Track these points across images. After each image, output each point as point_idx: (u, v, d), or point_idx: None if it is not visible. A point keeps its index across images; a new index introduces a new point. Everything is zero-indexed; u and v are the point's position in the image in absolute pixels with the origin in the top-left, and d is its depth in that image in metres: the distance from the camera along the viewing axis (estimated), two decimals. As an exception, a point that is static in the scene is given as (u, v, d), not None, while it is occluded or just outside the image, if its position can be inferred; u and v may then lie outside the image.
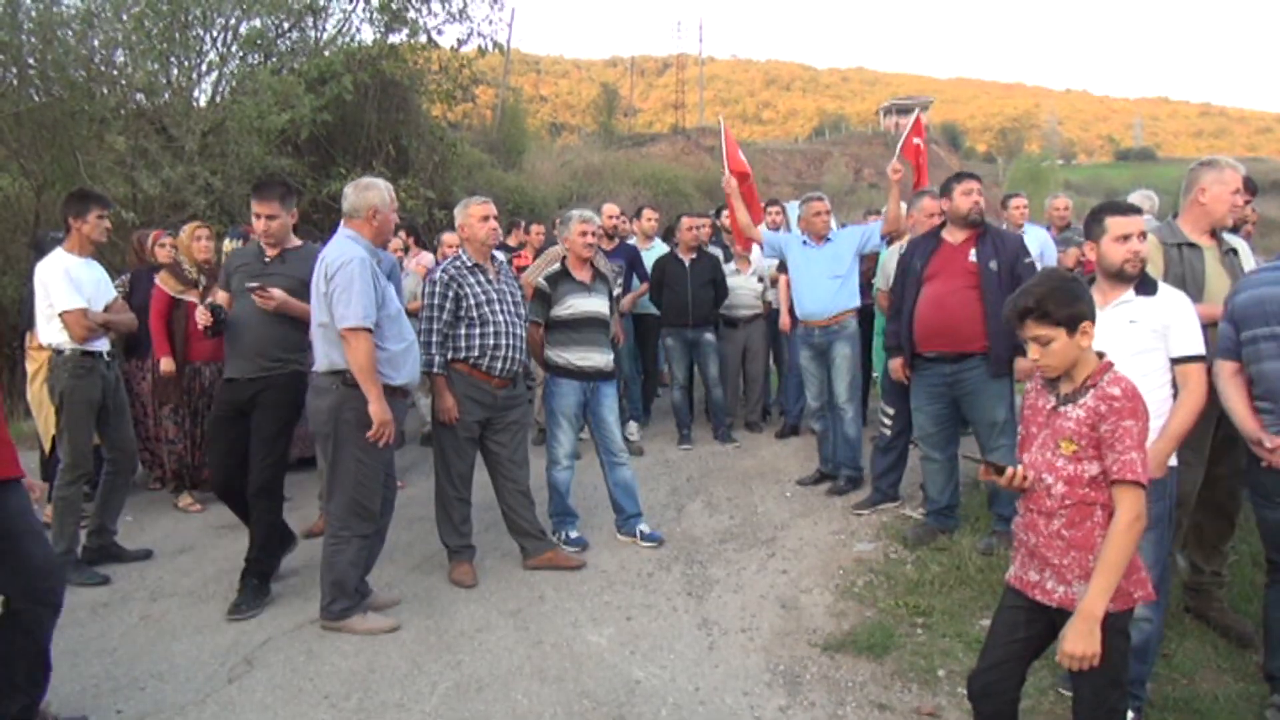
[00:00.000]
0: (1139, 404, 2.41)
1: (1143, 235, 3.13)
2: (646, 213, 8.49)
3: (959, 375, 4.82)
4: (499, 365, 4.60)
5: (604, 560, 4.96)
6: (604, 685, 3.60)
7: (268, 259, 4.48)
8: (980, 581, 4.45)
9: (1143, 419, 2.41)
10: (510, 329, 4.63)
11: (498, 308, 4.62)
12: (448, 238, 7.97)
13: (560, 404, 5.13)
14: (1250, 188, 4.13)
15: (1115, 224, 3.15)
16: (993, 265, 4.70)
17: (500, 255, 4.96)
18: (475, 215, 4.67)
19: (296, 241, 4.59)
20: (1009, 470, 2.57)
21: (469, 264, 4.67)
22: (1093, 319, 2.47)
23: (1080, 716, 2.54)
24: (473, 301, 4.57)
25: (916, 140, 6.64)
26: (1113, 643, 2.43)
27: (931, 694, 3.52)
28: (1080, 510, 2.45)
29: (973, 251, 4.79)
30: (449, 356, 4.59)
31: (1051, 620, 2.58)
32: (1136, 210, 3.23)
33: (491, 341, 4.58)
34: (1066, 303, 2.43)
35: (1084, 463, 2.44)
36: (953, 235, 4.90)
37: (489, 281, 4.66)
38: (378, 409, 3.90)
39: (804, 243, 6.22)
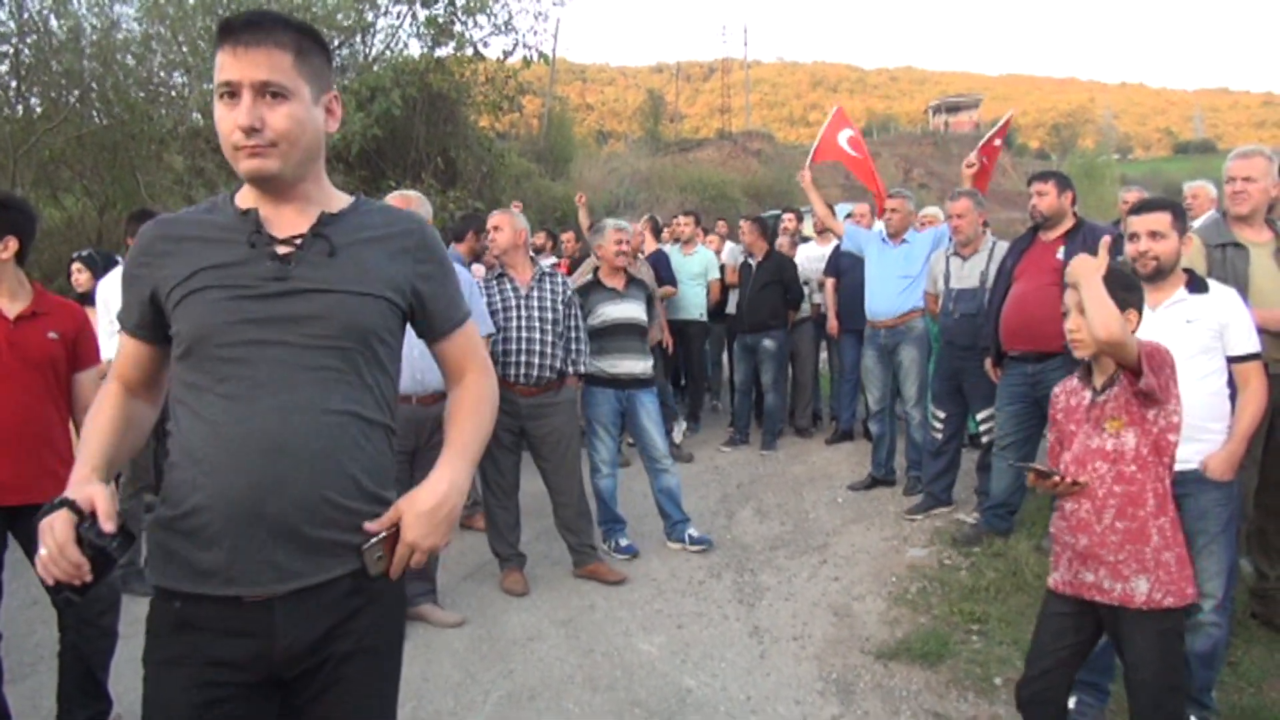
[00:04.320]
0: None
1: (1154, 234, 3.02)
2: (681, 219, 8.43)
3: (1040, 375, 4.72)
4: (514, 371, 4.64)
5: (654, 568, 4.96)
6: (655, 694, 3.60)
7: None
8: (1037, 587, 4.35)
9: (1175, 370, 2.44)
10: (525, 333, 4.66)
11: (514, 314, 4.67)
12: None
13: (595, 412, 5.15)
14: None
15: (1128, 223, 3.13)
16: None
17: (545, 264, 4.99)
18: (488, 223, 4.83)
19: None
20: (1056, 476, 2.55)
21: (495, 274, 4.80)
22: (1138, 309, 2.56)
23: None
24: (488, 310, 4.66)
25: (997, 142, 6.60)
26: (1167, 644, 2.45)
27: (988, 703, 3.47)
28: (1130, 499, 2.46)
29: (1061, 249, 4.70)
30: None
31: (1099, 621, 2.57)
32: (1156, 207, 3.10)
33: (502, 348, 4.64)
34: (1118, 287, 2.46)
35: (1124, 434, 2.46)
36: (1045, 234, 4.83)
37: (513, 290, 4.72)
38: None
39: (883, 239, 6.22)
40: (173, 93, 10.48)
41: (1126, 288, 2.54)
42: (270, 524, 1.59)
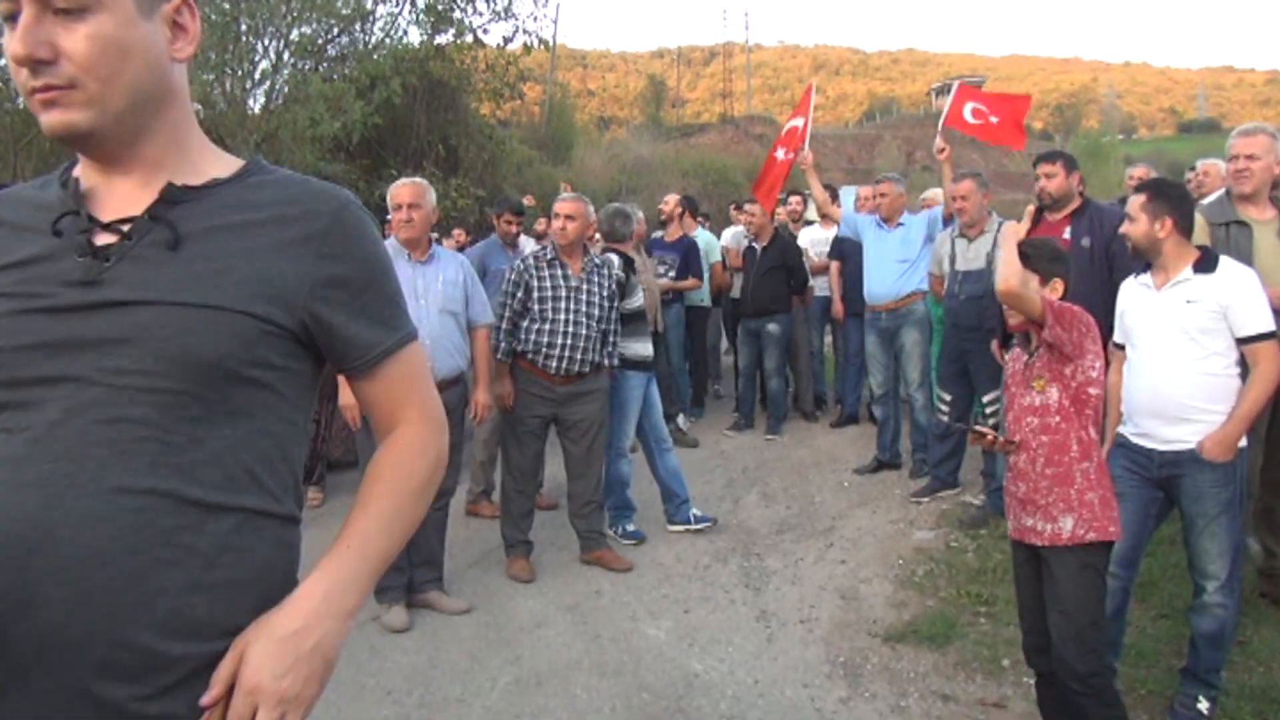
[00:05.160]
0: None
1: (1128, 218, 3.11)
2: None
3: None
4: (554, 364, 4.58)
5: (661, 554, 4.96)
6: (663, 678, 3.60)
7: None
8: (1044, 569, 4.36)
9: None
10: (571, 328, 4.59)
11: (562, 305, 4.60)
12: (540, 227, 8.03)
13: (631, 395, 5.12)
14: None
15: None
16: (1085, 242, 4.58)
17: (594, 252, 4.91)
18: (557, 210, 4.74)
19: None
20: (989, 434, 2.88)
21: (547, 257, 4.69)
22: (1063, 279, 2.80)
23: (1067, 662, 2.65)
24: (536, 296, 4.60)
25: (979, 106, 6.36)
26: (1087, 579, 2.66)
27: (996, 684, 3.47)
28: (1056, 447, 2.69)
29: (1067, 229, 4.68)
30: (516, 349, 4.64)
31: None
32: (1139, 188, 3.15)
33: (546, 339, 4.57)
34: (1043, 257, 2.80)
35: (1048, 390, 2.71)
36: (1052, 214, 4.79)
37: (564, 279, 4.65)
38: (340, 392, 4.15)
39: (878, 224, 6.21)
40: (172, 83, 10.45)
41: (1052, 259, 2.81)
42: (17, 660, 1.01)
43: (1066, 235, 4.62)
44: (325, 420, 6.09)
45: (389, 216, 4.24)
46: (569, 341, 4.58)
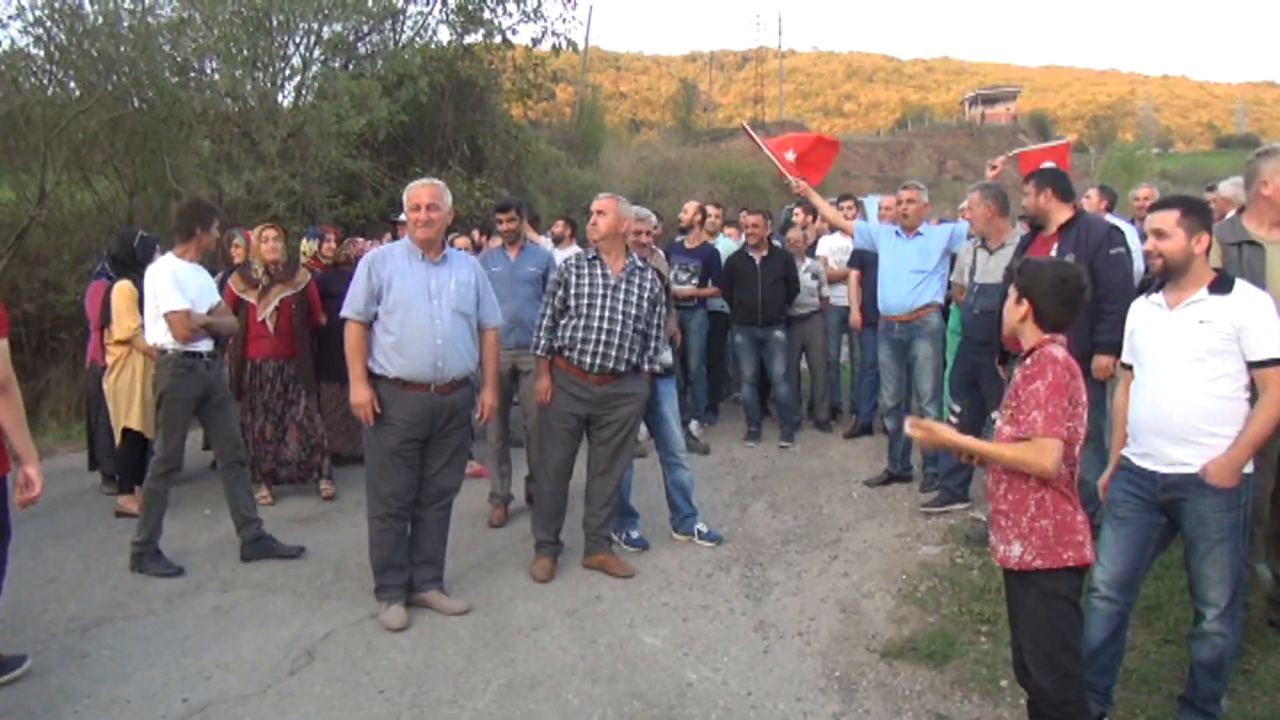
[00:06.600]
0: (1055, 366, 2.62)
1: (1159, 233, 3.03)
2: (712, 210, 8.44)
3: None
4: (587, 360, 4.58)
5: (664, 560, 4.94)
6: (655, 687, 3.59)
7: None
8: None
9: (1054, 377, 2.60)
10: (606, 324, 4.58)
11: (598, 303, 4.60)
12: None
13: None
14: None
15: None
16: (1069, 259, 4.53)
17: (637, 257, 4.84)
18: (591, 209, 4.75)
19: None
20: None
21: (589, 256, 4.72)
22: (1032, 301, 2.78)
23: (1039, 684, 2.71)
24: (573, 293, 4.62)
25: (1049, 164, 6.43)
26: (1048, 606, 2.69)
27: (993, 705, 3.43)
28: (1016, 473, 2.71)
29: (1055, 245, 4.64)
30: (556, 346, 4.67)
31: None
32: (1164, 205, 3.10)
33: (580, 335, 4.58)
34: (1023, 276, 2.81)
35: (1011, 424, 2.70)
36: (1044, 230, 4.75)
37: (603, 276, 4.66)
38: (352, 390, 4.12)
39: (896, 233, 6.17)
40: (203, 77, 10.53)
41: (1031, 279, 2.78)
42: None
43: (1054, 251, 4.58)
44: (308, 414, 6.09)
45: (398, 216, 4.21)
46: (603, 338, 4.58)
